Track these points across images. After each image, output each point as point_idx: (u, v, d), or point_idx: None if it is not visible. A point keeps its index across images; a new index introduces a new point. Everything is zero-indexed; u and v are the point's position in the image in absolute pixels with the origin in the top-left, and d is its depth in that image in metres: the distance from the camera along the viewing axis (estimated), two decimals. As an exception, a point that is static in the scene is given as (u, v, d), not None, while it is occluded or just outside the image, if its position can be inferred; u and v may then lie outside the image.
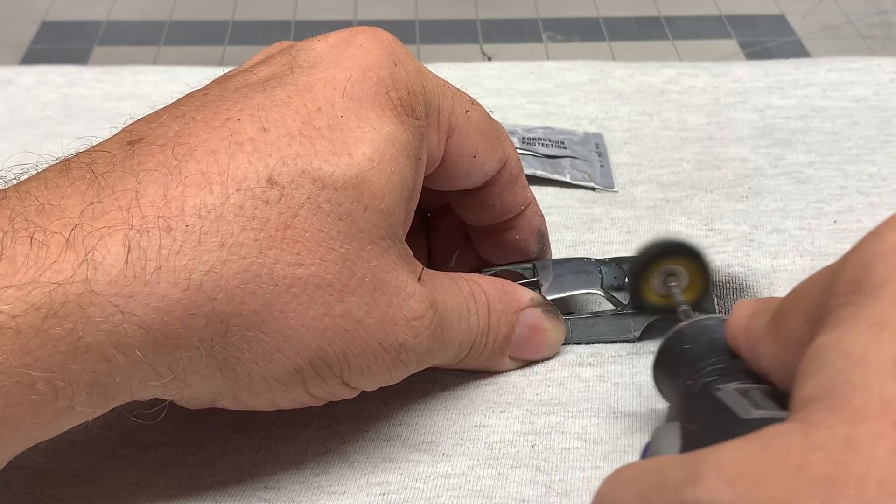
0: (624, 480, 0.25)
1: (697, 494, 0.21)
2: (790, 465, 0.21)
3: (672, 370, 0.35)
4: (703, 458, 0.22)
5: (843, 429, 0.21)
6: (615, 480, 0.25)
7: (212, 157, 0.31)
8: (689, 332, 0.35)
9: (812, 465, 0.20)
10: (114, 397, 0.31)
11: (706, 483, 0.21)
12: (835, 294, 0.24)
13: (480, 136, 0.38)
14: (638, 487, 0.24)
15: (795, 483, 0.20)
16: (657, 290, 0.40)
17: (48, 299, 0.29)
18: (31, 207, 0.30)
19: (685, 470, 0.22)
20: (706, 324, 0.35)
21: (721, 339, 0.33)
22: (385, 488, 0.36)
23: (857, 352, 0.22)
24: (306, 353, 0.32)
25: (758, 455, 0.21)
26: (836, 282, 0.25)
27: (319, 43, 0.36)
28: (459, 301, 0.37)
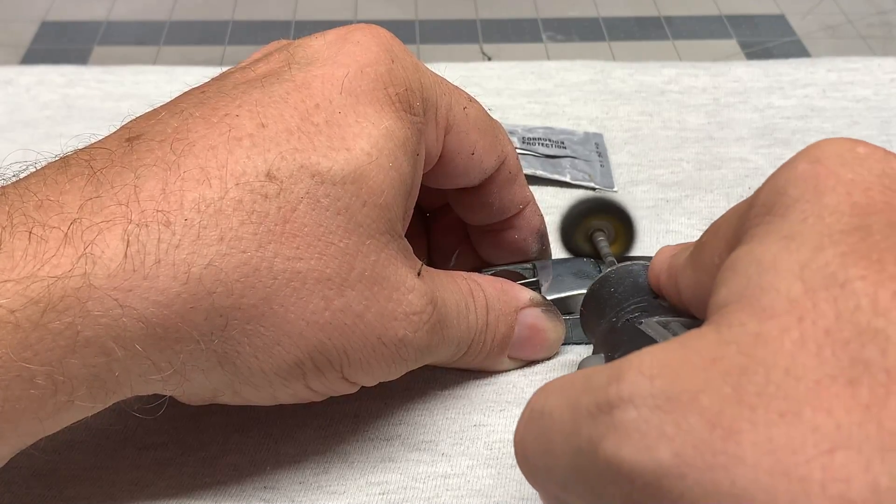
0: (552, 389, 0.26)
1: (620, 389, 0.23)
2: (705, 358, 0.22)
3: (597, 312, 0.36)
4: (626, 361, 0.23)
5: (752, 325, 0.22)
6: (544, 391, 0.26)
7: (210, 152, 0.31)
8: (614, 276, 0.37)
9: (724, 357, 0.22)
10: (114, 392, 0.31)
11: (628, 379, 0.23)
12: (750, 217, 0.26)
13: (478, 134, 0.38)
14: (565, 392, 0.25)
15: (709, 373, 0.22)
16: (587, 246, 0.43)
17: (47, 293, 0.29)
18: (29, 203, 0.30)
19: (609, 372, 0.23)
20: (630, 268, 0.37)
21: (644, 282, 0.36)
22: (385, 488, 0.36)
23: (768, 260, 0.24)
24: (306, 348, 0.32)
25: (676, 353, 0.23)
26: (752, 206, 0.26)
27: (317, 40, 0.36)
28: (458, 298, 0.37)
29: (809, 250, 0.23)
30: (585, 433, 0.23)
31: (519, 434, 0.27)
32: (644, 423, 0.22)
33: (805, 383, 0.21)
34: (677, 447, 0.21)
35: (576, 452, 0.24)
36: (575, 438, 0.24)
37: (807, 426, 0.20)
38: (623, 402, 0.22)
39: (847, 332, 0.21)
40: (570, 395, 0.25)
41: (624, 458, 0.22)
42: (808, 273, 0.22)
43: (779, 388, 0.21)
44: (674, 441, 0.21)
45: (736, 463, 0.20)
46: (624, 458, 0.22)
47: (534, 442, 0.26)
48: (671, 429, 0.21)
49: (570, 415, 0.24)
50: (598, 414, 0.23)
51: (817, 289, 0.22)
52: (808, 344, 0.21)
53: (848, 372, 0.20)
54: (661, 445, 0.21)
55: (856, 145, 0.26)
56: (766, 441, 0.20)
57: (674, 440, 0.21)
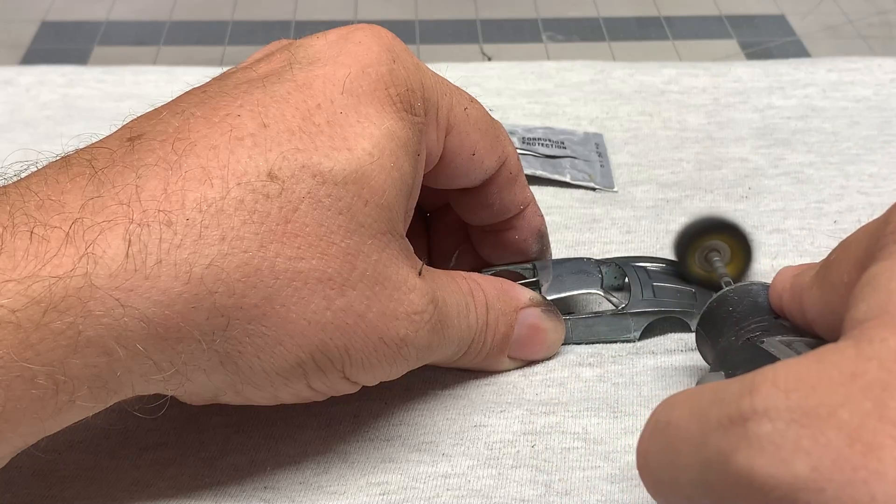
0: (678, 402, 0.25)
1: (754, 402, 0.22)
2: (844, 373, 0.22)
3: (716, 331, 0.36)
4: (759, 374, 0.23)
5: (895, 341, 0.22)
6: (669, 403, 0.26)
7: (212, 151, 0.31)
8: (732, 295, 0.36)
9: (865, 372, 0.21)
10: (115, 391, 0.31)
11: (762, 392, 0.22)
12: (886, 233, 0.26)
13: (479, 134, 0.38)
14: (693, 404, 0.24)
15: (849, 389, 0.21)
16: (701, 266, 0.41)
17: (48, 293, 0.29)
18: (30, 203, 0.30)
19: (741, 384, 0.23)
20: (750, 288, 0.36)
21: (764, 302, 0.35)
22: (385, 488, 0.36)
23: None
24: (308, 347, 0.32)
25: (813, 367, 0.22)
26: (887, 224, 0.26)
27: (318, 40, 0.36)
28: (459, 298, 0.37)
29: None
30: (715, 445, 0.23)
31: (642, 446, 0.26)
32: (780, 437, 0.21)
33: None
34: (815, 461, 0.21)
35: (704, 465, 0.23)
36: (703, 450, 0.23)
37: None
38: (757, 414, 0.22)
39: None
40: (697, 406, 0.24)
41: (758, 472, 0.22)
42: None
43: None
44: (811, 455, 0.21)
45: (877, 478, 0.20)
46: (758, 472, 0.22)
47: (659, 454, 0.26)
48: (809, 443, 0.21)
49: (699, 426, 0.24)
50: (729, 426, 0.23)
51: None
52: None
53: None
54: (799, 459, 0.21)
55: None
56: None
57: (811, 454, 0.21)
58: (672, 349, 0.41)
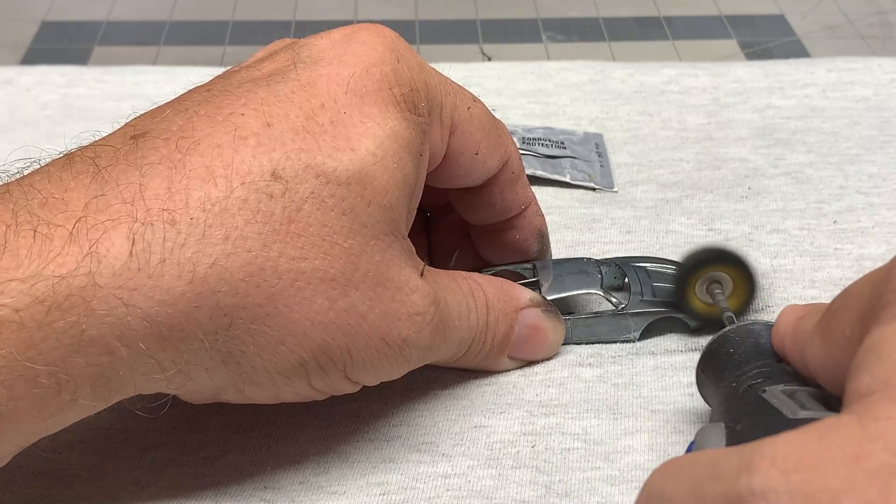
0: (673, 471, 0.25)
1: (752, 483, 0.21)
2: (847, 454, 0.21)
3: (716, 373, 0.34)
4: (758, 448, 0.22)
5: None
6: (664, 472, 0.25)
7: (216, 150, 0.31)
8: (734, 335, 0.35)
9: (870, 455, 0.20)
10: (117, 390, 0.31)
11: (761, 472, 0.21)
12: (889, 290, 0.25)
13: (483, 134, 0.38)
14: (688, 478, 0.23)
15: (853, 473, 0.20)
16: (701, 298, 0.40)
17: (51, 292, 0.29)
18: (34, 201, 0.30)
19: (738, 459, 0.22)
20: (752, 328, 0.35)
21: (767, 344, 0.34)
22: (385, 488, 0.36)
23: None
24: (310, 347, 0.32)
25: (814, 445, 0.21)
26: (890, 279, 0.25)
27: (322, 39, 0.36)
28: (459, 299, 0.37)
29: None
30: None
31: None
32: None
33: None
34: None
35: None
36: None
37: None
38: (755, 497, 0.21)
39: None
40: (693, 480, 0.23)
41: None
42: None
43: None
44: None
45: None
46: None
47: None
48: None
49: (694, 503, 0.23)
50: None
51: None
52: None
53: None
54: None
55: None
56: None
57: None
58: (672, 349, 0.41)
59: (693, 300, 0.40)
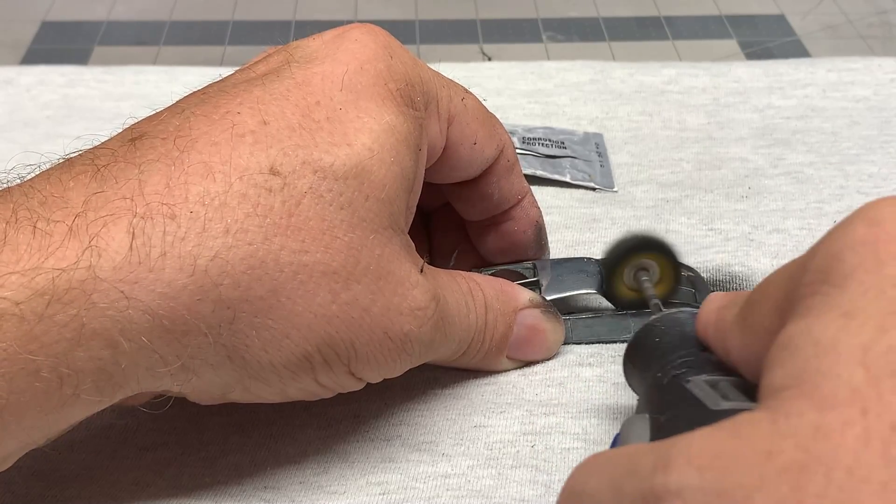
0: (593, 468, 0.25)
1: (667, 480, 0.21)
2: (760, 452, 0.21)
3: (643, 363, 0.35)
4: (673, 445, 0.22)
5: (812, 416, 0.21)
6: (584, 469, 0.25)
7: (213, 147, 0.32)
8: (659, 325, 0.35)
9: (781, 452, 0.21)
10: (120, 386, 0.31)
11: (676, 469, 0.21)
12: (804, 284, 0.25)
13: (478, 124, 0.39)
14: (608, 474, 0.24)
15: (765, 469, 0.20)
16: (629, 285, 0.40)
17: (52, 285, 0.29)
18: (34, 199, 0.31)
19: (655, 457, 0.22)
20: (677, 317, 0.35)
21: (692, 332, 0.34)
22: (385, 488, 0.36)
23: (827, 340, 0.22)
24: (315, 340, 0.32)
25: (727, 442, 0.21)
26: (806, 272, 0.25)
27: (315, 40, 0.36)
28: (458, 297, 0.37)
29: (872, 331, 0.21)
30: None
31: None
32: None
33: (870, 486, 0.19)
34: None
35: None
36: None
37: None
38: (670, 494, 0.21)
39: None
40: (612, 477, 0.23)
41: None
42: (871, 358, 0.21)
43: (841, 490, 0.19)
44: None
45: None
46: None
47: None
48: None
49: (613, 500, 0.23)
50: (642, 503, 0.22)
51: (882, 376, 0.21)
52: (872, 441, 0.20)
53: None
54: None
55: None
56: None
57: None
58: (672, 349, 0.41)
59: (620, 287, 0.40)
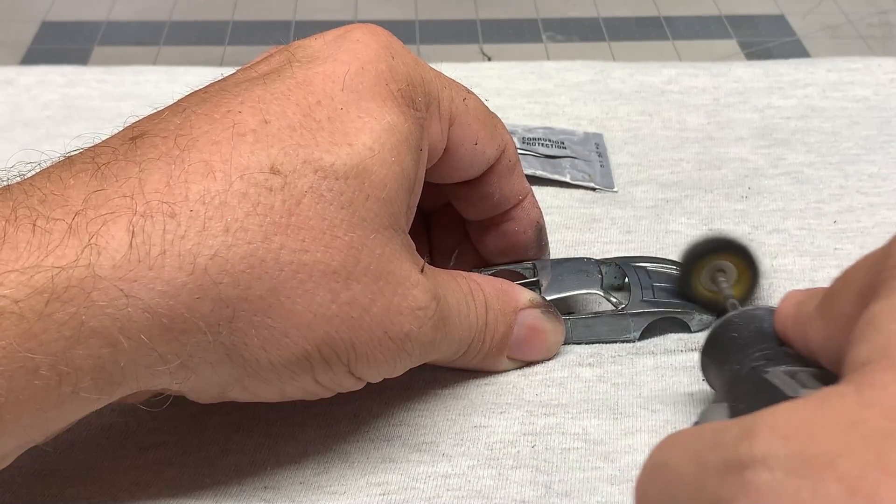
0: (677, 443, 0.25)
1: (752, 449, 0.22)
2: (844, 421, 0.21)
3: (720, 357, 0.35)
4: (759, 417, 0.22)
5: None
6: (667, 444, 0.25)
7: (214, 146, 0.32)
8: (737, 320, 0.35)
9: (866, 420, 0.21)
10: (119, 384, 0.31)
11: (761, 438, 0.22)
12: (887, 267, 0.25)
13: (480, 124, 0.38)
14: (692, 448, 0.24)
15: (849, 437, 0.21)
16: (706, 286, 0.41)
17: (51, 283, 0.29)
18: (33, 198, 0.31)
19: (739, 428, 0.22)
20: (755, 313, 0.35)
21: (769, 328, 0.34)
22: (385, 488, 0.36)
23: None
24: (314, 340, 0.32)
25: (812, 412, 0.22)
26: (888, 257, 0.25)
27: (316, 40, 0.36)
28: (459, 297, 0.37)
29: None
30: (712, 492, 0.22)
31: (640, 486, 0.26)
32: (778, 486, 0.21)
33: None
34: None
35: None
36: (701, 496, 0.23)
37: None
38: (756, 462, 0.21)
39: None
40: (696, 449, 0.24)
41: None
42: None
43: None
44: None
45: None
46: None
47: (656, 496, 0.25)
48: (807, 495, 0.20)
49: (697, 471, 0.23)
50: (727, 473, 0.22)
51: None
52: None
53: None
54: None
55: None
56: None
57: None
58: (672, 349, 0.41)
59: (698, 288, 0.41)
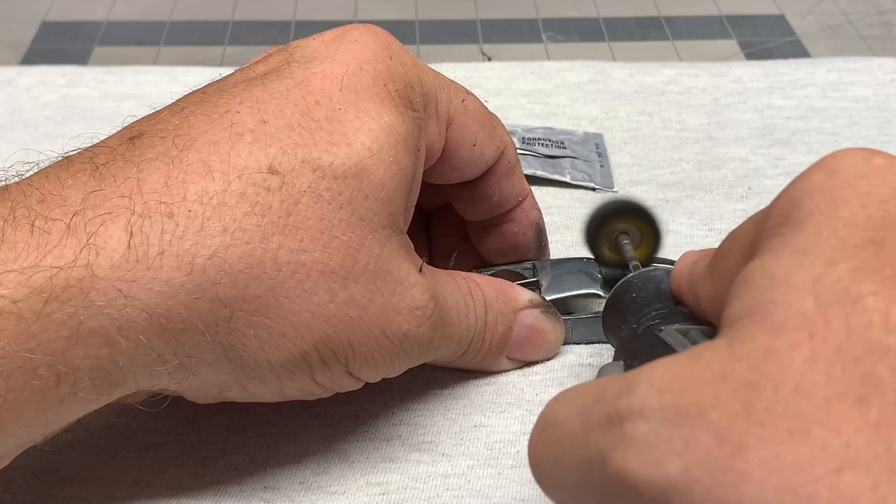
0: (565, 399, 0.26)
1: (630, 402, 0.22)
2: (715, 373, 0.22)
3: (619, 317, 0.36)
4: (638, 373, 0.23)
5: (763, 340, 0.22)
6: (556, 401, 0.26)
7: (212, 146, 0.32)
8: (636, 281, 0.37)
9: (734, 372, 0.22)
10: (118, 384, 0.31)
11: (638, 392, 0.22)
12: (765, 228, 0.26)
13: (478, 125, 0.38)
14: (578, 402, 0.25)
15: (719, 388, 0.21)
16: (611, 248, 0.41)
17: (49, 283, 0.29)
18: (32, 198, 0.31)
19: (620, 383, 0.23)
20: (653, 274, 0.37)
21: (666, 288, 0.35)
22: (385, 488, 0.36)
23: (781, 274, 0.23)
24: (312, 339, 0.32)
25: (687, 367, 0.23)
26: (768, 217, 0.26)
27: (314, 41, 0.36)
28: (458, 297, 0.37)
29: (822, 265, 0.23)
30: (595, 444, 0.23)
31: (532, 443, 0.26)
32: (653, 437, 0.22)
33: (814, 401, 0.20)
34: (686, 462, 0.21)
35: (585, 463, 0.24)
36: (585, 449, 0.24)
37: (815, 444, 0.20)
38: (633, 414, 0.22)
39: (858, 350, 0.21)
40: (581, 405, 0.24)
41: (633, 472, 0.22)
42: (820, 288, 0.22)
43: (787, 405, 0.20)
44: (682, 456, 0.21)
45: (743, 480, 0.20)
46: (633, 472, 0.22)
47: (546, 450, 0.26)
48: (680, 443, 0.21)
49: (581, 425, 0.24)
50: (608, 425, 0.23)
51: (829, 304, 0.22)
52: (818, 361, 0.21)
53: (858, 390, 0.20)
54: (670, 460, 0.21)
55: (873, 156, 0.25)
56: (773, 458, 0.20)
57: (682, 455, 0.21)
58: (672, 349, 0.41)
59: (604, 251, 0.41)
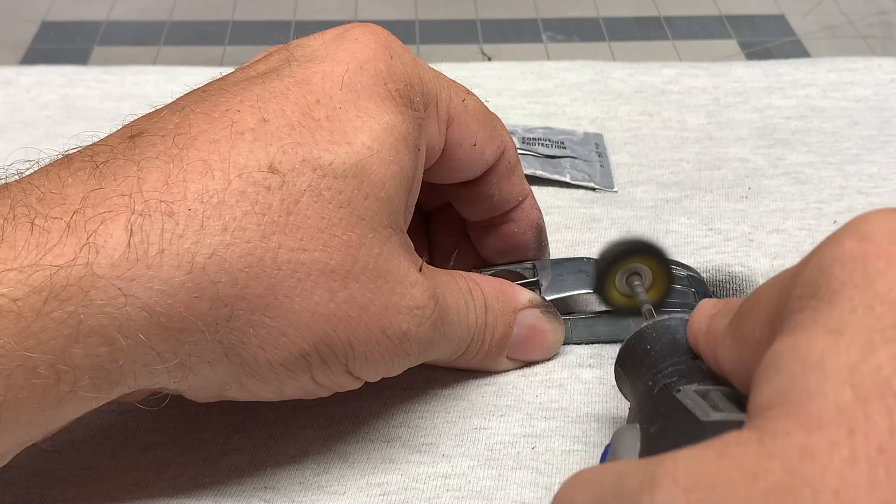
0: (581, 484, 0.25)
1: (653, 500, 0.21)
2: (746, 473, 0.21)
3: (633, 371, 0.34)
4: (660, 464, 0.22)
5: (798, 436, 0.21)
6: (572, 484, 0.25)
7: (212, 145, 0.32)
8: (650, 332, 0.35)
9: (767, 473, 0.20)
10: (117, 382, 0.31)
11: (662, 490, 0.21)
12: (793, 298, 0.24)
13: (479, 125, 0.38)
14: (595, 491, 0.24)
15: (751, 491, 0.20)
16: (622, 290, 0.39)
17: (49, 282, 0.29)
18: (32, 196, 0.31)
19: (642, 476, 0.22)
20: (668, 324, 0.35)
21: (683, 340, 0.33)
22: (385, 489, 0.36)
23: (814, 358, 0.22)
24: (312, 339, 0.32)
25: (714, 462, 0.21)
26: (795, 285, 0.25)
27: (315, 39, 0.36)
28: (458, 297, 0.37)
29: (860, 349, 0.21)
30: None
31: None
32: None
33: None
34: None
35: None
36: None
37: None
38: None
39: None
40: (599, 494, 0.23)
41: None
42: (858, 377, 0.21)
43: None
44: None
45: None
46: None
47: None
48: None
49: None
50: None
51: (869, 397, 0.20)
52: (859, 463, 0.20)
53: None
54: None
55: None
56: None
57: None
58: (672, 349, 0.41)
59: (612, 292, 0.39)
